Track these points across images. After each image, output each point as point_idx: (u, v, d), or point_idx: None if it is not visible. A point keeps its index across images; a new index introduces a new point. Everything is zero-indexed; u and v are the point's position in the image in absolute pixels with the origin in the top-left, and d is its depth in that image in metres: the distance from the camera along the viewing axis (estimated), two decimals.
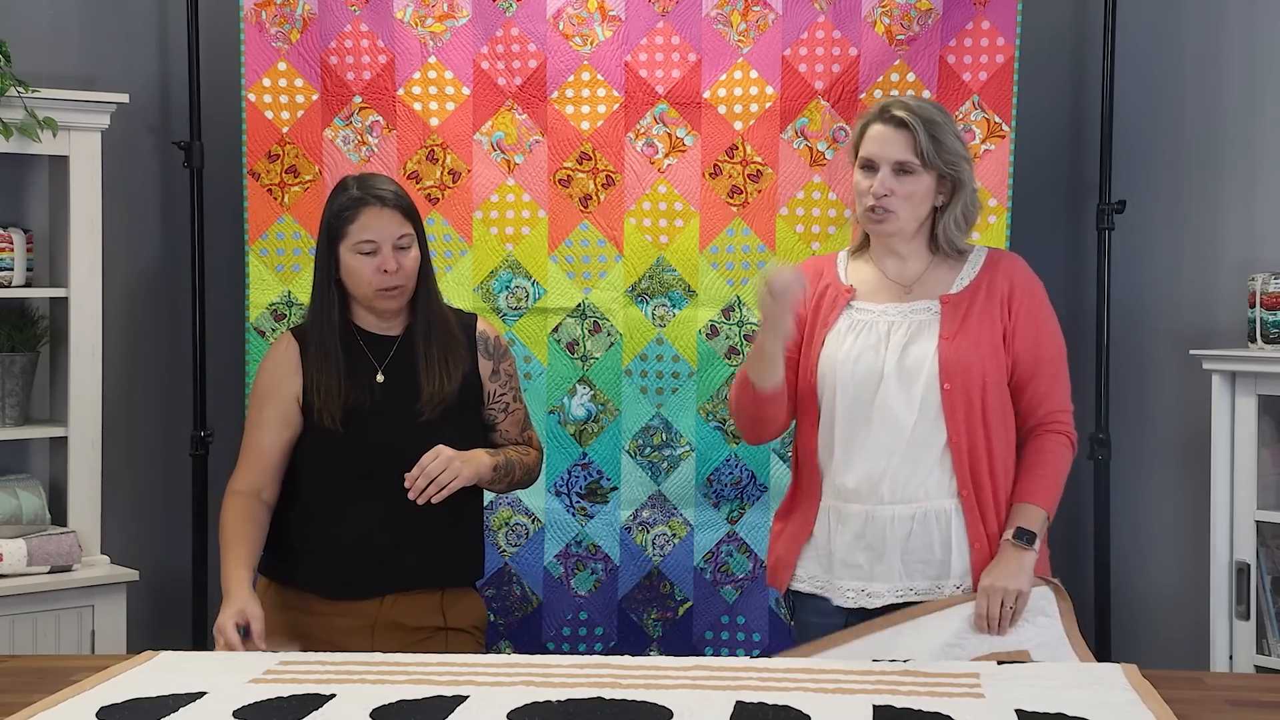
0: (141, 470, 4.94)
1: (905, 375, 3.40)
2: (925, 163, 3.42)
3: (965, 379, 3.39)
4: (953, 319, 3.44)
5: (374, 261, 3.55)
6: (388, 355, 3.65)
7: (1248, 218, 4.64)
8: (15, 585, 4.31)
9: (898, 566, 3.42)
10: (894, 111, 3.45)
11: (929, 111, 3.46)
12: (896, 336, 3.44)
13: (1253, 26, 4.64)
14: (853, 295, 3.53)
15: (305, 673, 2.96)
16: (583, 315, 4.64)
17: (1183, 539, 4.72)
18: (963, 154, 3.47)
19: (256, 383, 3.74)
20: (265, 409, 3.65)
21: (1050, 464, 3.46)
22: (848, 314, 3.51)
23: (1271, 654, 4.23)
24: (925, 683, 2.83)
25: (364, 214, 3.57)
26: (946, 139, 3.44)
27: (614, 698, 2.76)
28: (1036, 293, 3.52)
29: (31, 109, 4.36)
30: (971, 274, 3.51)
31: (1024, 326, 3.46)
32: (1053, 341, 3.51)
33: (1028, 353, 3.46)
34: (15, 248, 4.45)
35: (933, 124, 3.43)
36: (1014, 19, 4.53)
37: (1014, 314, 3.46)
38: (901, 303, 3.49)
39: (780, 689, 2.79)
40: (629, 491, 4.64)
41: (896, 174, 3.43)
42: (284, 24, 4.62)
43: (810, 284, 3.54)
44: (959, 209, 3.49)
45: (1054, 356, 3.51)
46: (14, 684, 2.93)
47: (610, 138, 4.63)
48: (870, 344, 3.45)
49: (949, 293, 3.48)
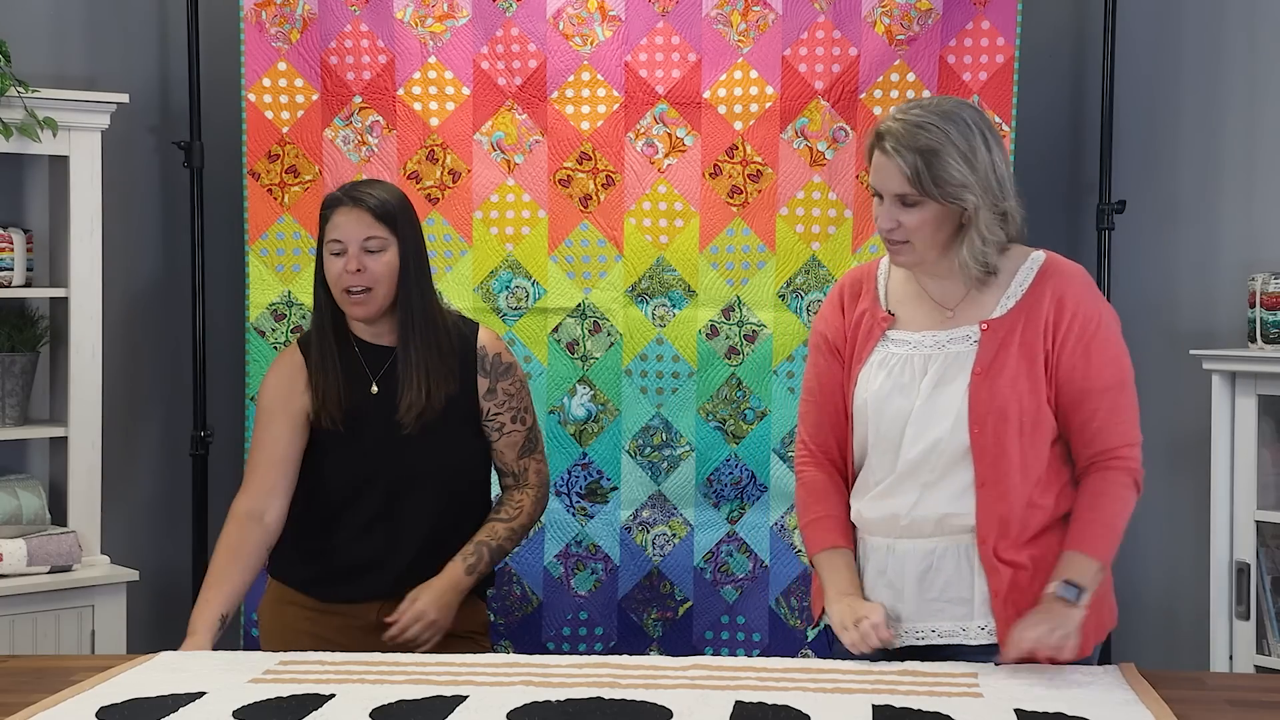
0: (141, 470, 4.94)
1: (934, 418, 3.11)
2: (923, 193, 3.07)
3: (997, 420, 3.08)
4: (989, 349, 3.11)
5: (341, 262, 3.55)
6: (383, 366, 3.63)
7: (1248, 218, 4.65)
8: (15, 585, 4.31)
9: (916, 605, 3.16)
10: (884, 141, 3.09)
11: (925, 134, 3.06)
12: (930, 374, 3.14)
13: (1253, 26, 4.64)
14: (890, 324, 3.22)
15: (305, 673, 2.96)
16: (583, 315, 4.64)
17: (1183, 539, 4.72)
18: (968, 180, 3.06)
19: (261, 397, 3.70)
20: (274, 423, 3.63)
21: (1107, 507, 3.11)
22: (882, 347, 3.20)
23: (1271, 654, 4.23)
24: (924, 682, 2.83)
25: (336, 214, 3.57)
26: (945, 167, 3.05)
27: (613, 698, 2.75)
28: (1089, 313, 3.13)
29: (31, 109, 4.36)
30: (1019, 292, 3.16)
31: (1069, 354, 3.11)
32: (1107, 370, 3.12)
33: (1072, 383, 3.11)
34: (15, 248, 4.46)
35: (927, 151, 3.05)
36: (1014, 19, 4.53)
37: (1059, 339, 3.12)
38: (940, 330, 3.18)
39: (779, 689, 2.79)
40: (629, 491, 4.64)
41: (900, 205, 3.10)
42: (284, 24, 4.62)
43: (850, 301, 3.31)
44: (974, 235, 3.10)
45: (1108, 387, 3.12)
46: (14, 684, 2.93)
47: (610, 138, 4.63)
48: (902, 384, 3.15)
49: (991, 316, 3.15)
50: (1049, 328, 3.12)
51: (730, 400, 4.61)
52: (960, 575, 3.12)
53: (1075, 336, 3.11)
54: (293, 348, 3.71)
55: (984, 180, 3.08)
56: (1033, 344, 3.11)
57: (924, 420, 3.12)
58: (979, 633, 3.11)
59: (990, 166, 3.09)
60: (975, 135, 3.09)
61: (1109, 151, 4.63)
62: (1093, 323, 3.13)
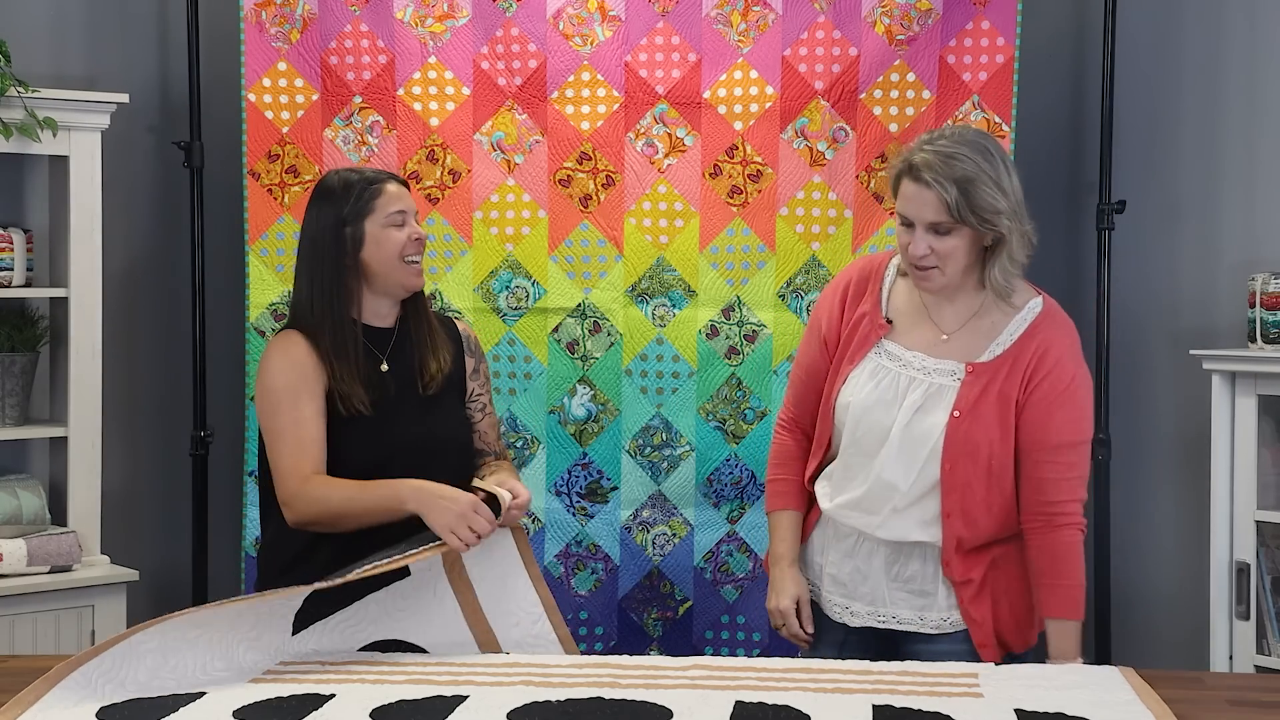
0: (141, 470, 4.94)
1: (909, 444, 3.28)
2: (959, 220, 3.21)
3: (970, 461, 3.26)
4: (970, 391, 3.28)
5: (406, 231, 3.53)
6: (388, 346, 3.58)
7: (1248, 218, 4.65)
8: (15, 585, 4.31)
9: (883, 592, 3.37)
10: (921, 173, 3.21)
11: (960, 164, 3.20)
12: (913, 397, 3.30)
13: (1253, 26, 4.64)
14: (886, 333, 3.38)
15: (305, 672, 2.96)
16: (583, 315, 4.64)
17: (1183, 539, 4.72)
18: (1003, 207, 3.21)
19: (275, 379, 3.45)
20: (301, 403, 3.43)
21: (1073, 570, 3.27)
22: (875, 355, 3.37)
23: (1271, 654, 4.23)
24: (924, 682, 2.83)
25: (387, 188, 3.56)
26: (981, 195, 3.20)
27: (613, 698, 2.76)
28: (1064, 372, 3.29)
29: (31, 109, 4.36)
30: (1009, 341, 3.32)
31: (1035, 406, 3.27)
32: (1067, 429, 3.29)
33: (1030, 435, 3.28)
34: (15, 248, 4.46)
35: (964, 180, 3.19)
36: (1014, 19, 4.53)
37: (1029, 389, 3.28)
38: (930, 356, 3.34)
39: (780, 689, 2.80)
40: (629, 491, 4.64)
41: (934, 234, 3.23)
42: (284, 24, 4.62)
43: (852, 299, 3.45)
44: (1004, 257, 3.27)
45: (1064, 445, 3.29)
46: (14, 684, 2.92)
47: (610, 138, 4.63)
48: (886, 399, 3.31)
49: (978, 360, 3.31)
50: (1026, 377, 3.29)
51: (730, 400, 4.62)
52: (925, 573, 3.37)
53: (1045, 390, 3.28)
54: (288, 333, 3.53)
55: (1013, 206, 3.26)
56: (1009, 392, 3.29)
57: (900, 447, 3.30)
58: (940, 623, 3.35)
59: (1015, 193, 3.26)
60: (999, 164, 3.26)
61: (1109, 151, 4.63)
62: (1063, 381, 3.29)
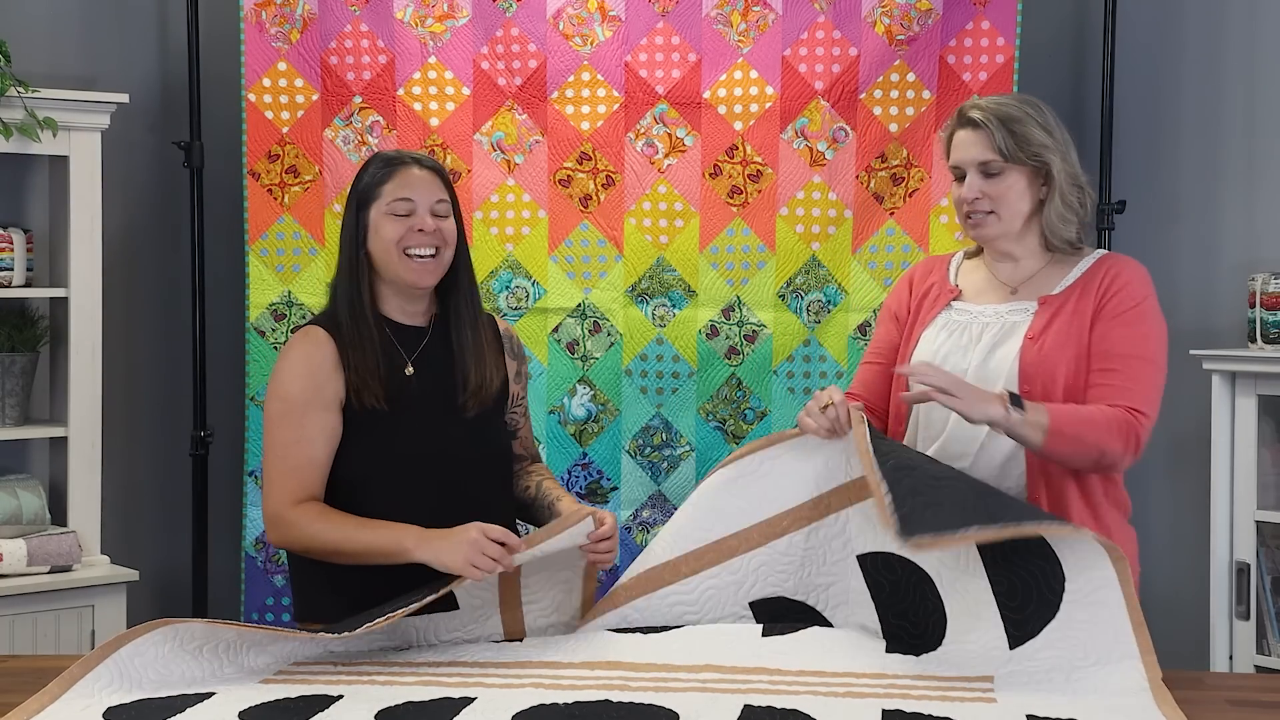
0: (141, 470, 4.94)
1: (986, 377, 3.26)
2: (1008, 158, 3.28)
3: (1046, 382, 3.23)
4: (1043, 319, 3.28)
5: (408, 222, 3.25)
6: (417, 348, 3.33)
7: (1248, 218, 4.65)
8: (15, 585, 4.30)
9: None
10: (969, 114, 3.32)
11: (1007, 108, 3.32)
12: (986, 338, 3.32)
13: (1253, 26, 4.65)
14: (956, 295, 3.41)
15: (317, 673, 2.95)
16: (583, 315, 4.65)
17: (1183, 539, 4.73)
18: (1049, 143, 3.29)
19: (285, 388, 3.26)
20: (308, 419, 3.23)
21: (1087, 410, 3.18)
22: (946, 314, 3.39)
23: (1271, 654, 4.24)
24: (937, 687, 2.82)
25: (400, 173, 3.29)
26: (1028, 131, 3.28)
27: (621, 700, 2.76)
28: (1135, 292, 3.29)
29: (31, 109, 4.35)
30: (1077, 274, 3.34)
31: (1105, 317, 3.27)
32: (1135, 340, 3.25)
33: (1098, 344, 3.25)
34: (15, 248, 4.45)
35: (1010, 119, 3.28)
36: (1014, 19, 4.54)
37: (1101, 305, 3.27)
38: (1001, 304, 3.36)
39: (790, 693, 2.79)
40: (629, 491, 4.64)
41: (984, 176, 3.30)
42: (284, 24, 4.61)
43: (920, 281, 3.49)
44: (1057, 198, 3.30)
45: (1131, 353, 3.24)
46: (14, 684, 2.92)
47: (610, 138, 4.63)
48: (960, 345, 3.34)
49: (1049, 293, 3.33)
50: (1099, 295, 3.28)
51: (730, 400, 4.62)
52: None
53: (1115, 304, 3.27)
54: (312, 329, 3.32)
55: (1062, 149, 3.31)
56: (1084, 308, 3.28)
57: (976, 379, 3.25)
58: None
59: (1065, 141, 3.34)
60: (1047, 113, 3.35)
61: (1109, 151, 4.63)
62: (1134, 299, 3.28)
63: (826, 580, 3.20)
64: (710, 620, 3.21)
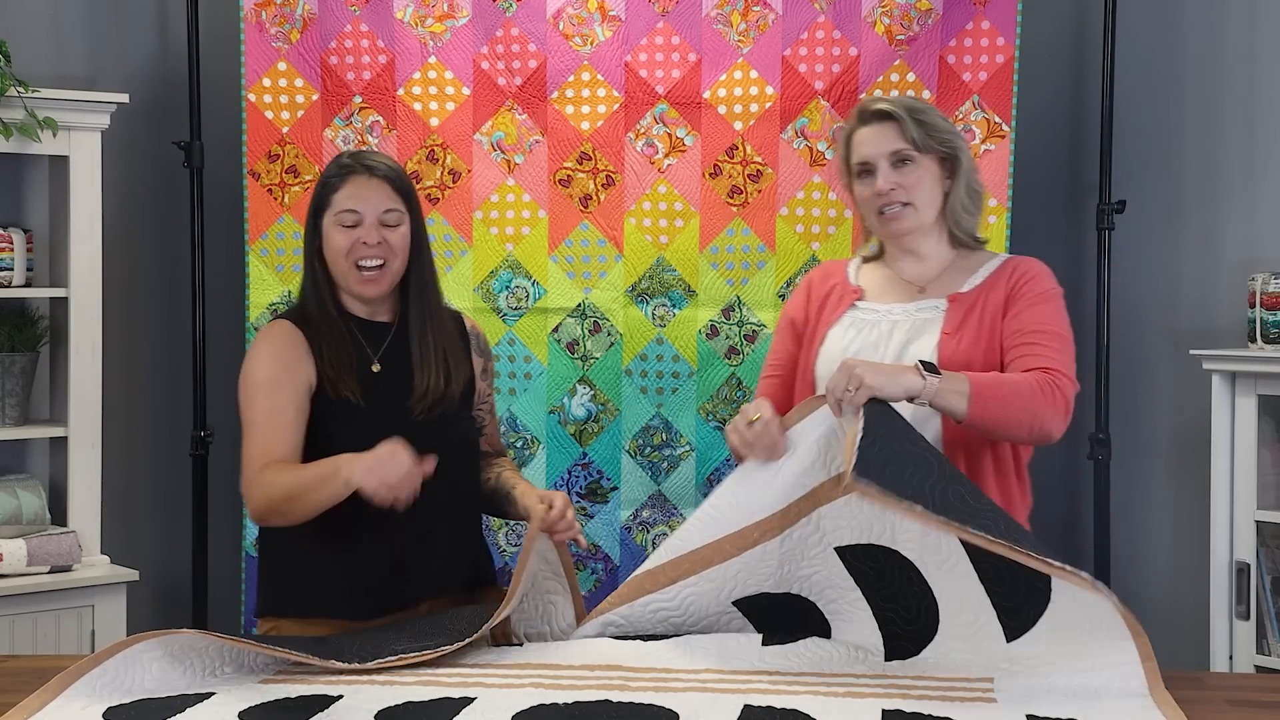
0: (141, 470, 4.94)
1: None
2: (919, 147, 3.33)
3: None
4: (956, 315, 3.31)
5: (354, 234, 3.27)
6: (382, 344, 3.36)
7: (1248, 218, 4.65)
8: (15, 585, 4.31)
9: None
10: (875, 108, 3.36)
11: (908, 100, 3.41)
12: (898, 335, 3.32)
13: (1253, 26, 4.65)
14: (859, 295, 3.43)
15: (316, 673, 2.95)
16: (583, 315, 4.64)
17: (1183, 539, 4.73)
18: (952, 129, 3.40)
19: (257, 369, 3.30)
20: (279, 392, 3.25)
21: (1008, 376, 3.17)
22: (851, 313, 3.40)
23: (1271, 654, 4.24)
24: (937, 687, 2.82)
25: (350, 182, 3.29)
26: (934, 120, 3.37)
27: (621, 700, 2.76)
28: (1040, 280, 3.34)
29: (31, 109, 4.36)
30: (985, 274, 3.38)
31: (1015, 305, 3.29)
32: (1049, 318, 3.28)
33: (1011, 324, 3.27)
34: (15, 248, 4.45)
35: (915, 109, 3.35)
36: (1014, 19, 4.53)
37: (1011, 298, 3.30)
38: (909, 302, 3.37)
39: (790, 693, 2.79)
40: (629, 491, 4.64)
41: (896, 166, 3.33)
42: (284, 24, 4.62)
43: (818, 286, 3.50)
44: (963, 188, 3.37)
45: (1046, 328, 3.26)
46: (14, 684, 2.92)
47: (610, 138, 4.63)
48: (871, 341, 3.33)
49: (959, 291, 3.35)
50: (1009, 290, 3.32)
51: (730, 400, 4.62)
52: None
53: (1024, 293, 3.31)
54: (280, 321, 3.37)
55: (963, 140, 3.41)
56: (996, 302, 3.31)
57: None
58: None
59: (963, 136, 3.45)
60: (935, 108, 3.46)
61: (1109, 151, 4.63)
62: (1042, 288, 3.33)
63: (808, 571, 3.17)
64: (695, 620, 3.20)
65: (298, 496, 3.16)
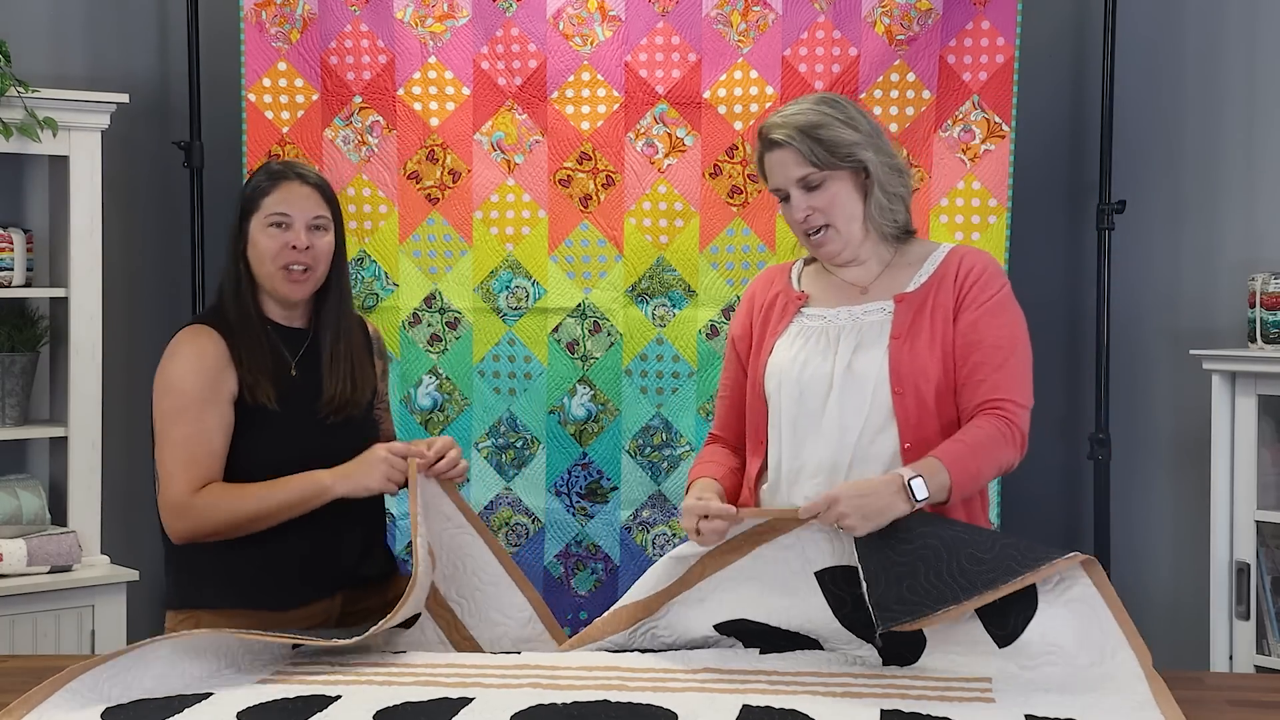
0: (141, 470, 4.91)
1: (854, 381, 3.19)
2: (823, 166, 3.20)
3: (917, 381, 3.17)
4: (904, 318, 3.22)
5: (284, 237, 3.38)
6: (299, 349, 3.48)
7: (1248, 218, 4.65)
8: (15, 585, 4.31)
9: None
10: (770, 135, 3.24)
11: (805, 115, 3.23)
12: (846, 341, 3.23)
13: (1253, 26, 4.65)
14: (804, 301, 3.34)
15: (315, 673, 2.96)
16: (583, 315, 4.64)
17: (1182, 539, 4.73)
18: (858, 139, 3.22)
19: (180, 383, 3.38)
20: (206, 412, 3.36)
21: (975, 437, 3.11)
22: (798, 320, 3.32)
23: (1271, 654, 4.24)
24: (935, 687, 2.82)
25: (281, 188, 3.41)
26: (834, 134, 3.20)
27: (620, 700, 2.75)
28: (990, 281, 3.24)
29: (31, 109, 4.36)
30: (930, 270, 3.28)
31: (966, 310, 3.21)
32: (1000, 329, 3.21)
33: (963, 335, 3.19)
34: (15, 248, 4.46)
35: (812, 127, 3.20)
36: (1014, 19, 4.53)
37: (961, 296, 3.22)
38: (855, 305, 3.29)
39: (788, 693, 2.79)
40: (629, 491, 4.64)
41: (806, 191, 3.22)
42: (284, 24, 4.62)
43: (760, 295, 3.43)
44: (878, 191, 3.24)
45: (998, 343, 3.19)
46: (14, 684, 2.92)
47: (610, 138, 4.63)
48: (819, 349, 3.25)
49: (904, 291, 3.27)
50: (958, 287, 3.24)
51: None
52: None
53: (974, 295, 3.22)
54: (200, 326, 3.45)
55: (871, 139, 3.25)
56: (945, 302, 3.23)
57: (845, 385, 3.19)
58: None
59: (874, 129, 3.27)
60: (845, 106, 3.28)
61: (1109, 151, 4.63)
62: (992, 289, 3.24)
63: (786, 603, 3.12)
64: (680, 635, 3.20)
65: (267, 516, 3.34)
